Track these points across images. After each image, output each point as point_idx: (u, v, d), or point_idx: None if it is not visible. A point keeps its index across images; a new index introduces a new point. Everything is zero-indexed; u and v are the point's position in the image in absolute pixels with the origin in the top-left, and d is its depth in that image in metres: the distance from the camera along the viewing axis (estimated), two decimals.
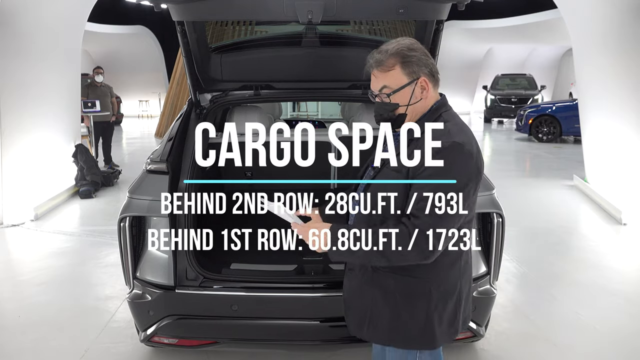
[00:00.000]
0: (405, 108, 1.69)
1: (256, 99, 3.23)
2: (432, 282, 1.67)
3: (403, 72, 1.68)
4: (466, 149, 1.59)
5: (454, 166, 1.56)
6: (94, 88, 8.72)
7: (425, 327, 1.69)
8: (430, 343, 1.71)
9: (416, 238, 1.53)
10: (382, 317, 1.71)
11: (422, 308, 1.68)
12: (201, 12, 2.59)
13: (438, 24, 2.67)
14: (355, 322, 1.79)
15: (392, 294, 1.69)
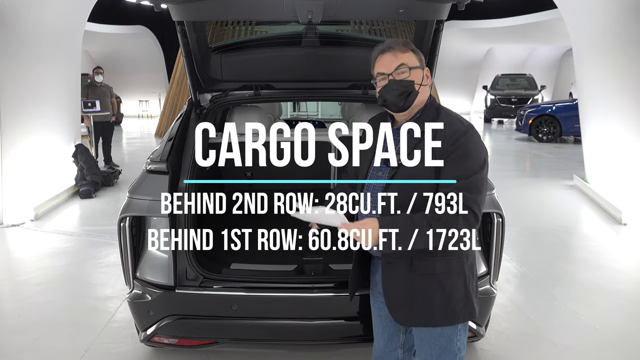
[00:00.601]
0: (418, 87, 1.80)
1: (256, 99, 3.23)
2: (463, 257, 1.80)
3: (415, 57, 1.83)
4: (477, 131, 1.81)
5: (476, 145, 1.76)
6: (94, 88, 8.72)
7: (466, 301, 1.82)
8: (472, 314, 1.85)
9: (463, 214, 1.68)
10: (435, 299, 1.78)
11: (461, 283, 1.81)
12: (201, 12, 2.59)
13: (438, 24, 2.67)
14: (406, 312, 1.83)
15: (436, 275, 1.78)
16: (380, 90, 1.83)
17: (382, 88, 1.82)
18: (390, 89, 1.79)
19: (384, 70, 1.81)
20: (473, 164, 1.73)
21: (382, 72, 1.81)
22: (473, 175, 1.72)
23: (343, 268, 2.65)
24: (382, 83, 1.82)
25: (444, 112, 1.84)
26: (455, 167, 1.72)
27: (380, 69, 1.83)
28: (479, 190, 1.74)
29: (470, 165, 1.73)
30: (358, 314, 2.52)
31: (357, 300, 2.50)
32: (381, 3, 2.55)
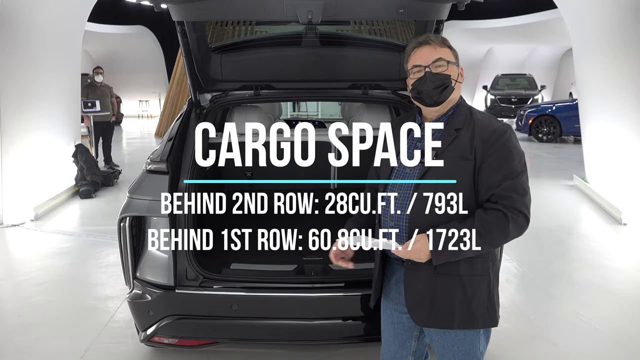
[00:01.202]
0: (454, 82, 1.78)
1: (256, 99, 3.23)
2: (489, 260, 1.77)
3: (452, 53, 1.80)
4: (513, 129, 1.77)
5: (516, 145, 1.73)
6: (94, 88, 8.72)
7: (488, 306, 1.78)
8: (493, 320, 1.80)
9: (514, 217, 1.67)
10: (456, 301, 1.74)
11: (485, 287, 1.77)
12: (201, 12, 2.59)
13: (438, 24, 2.66)
14: (426, 314, 1.79)
15: (460, 278, 1.74)
16: (415, 82, 1.78)
17: (417, 80, 1.77)
18: (426, 81, 1.75)
19: (420, 63, 1.77)
20: (517, 164, 1.70)
21: (419, 65, 1.77)
22: (518, 176, 1.69)
23: (343, 268, 2.65)
24: (417, 75, 1.77)
25: (477, 112, 1.81)
26: (499, 168, 1.68)
27: (416, 61, 1.78)
28: (526, 191, 1.71)
29: (514, 166, 1.69)
30: (358, 314, 2.52)
31: (357, 300, 2.50)
32: (381, 3, 2.55)
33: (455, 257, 1.68)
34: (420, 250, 1.68)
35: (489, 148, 1.69)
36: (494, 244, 1.71)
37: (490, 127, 1.72)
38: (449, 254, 1.67)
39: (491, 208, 1.68)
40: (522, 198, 1.69)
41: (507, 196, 1.67)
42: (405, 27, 3.27)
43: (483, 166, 1.69)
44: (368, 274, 2.58)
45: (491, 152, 1.69)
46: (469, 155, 1.70)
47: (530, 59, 22.95)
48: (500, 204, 1.68)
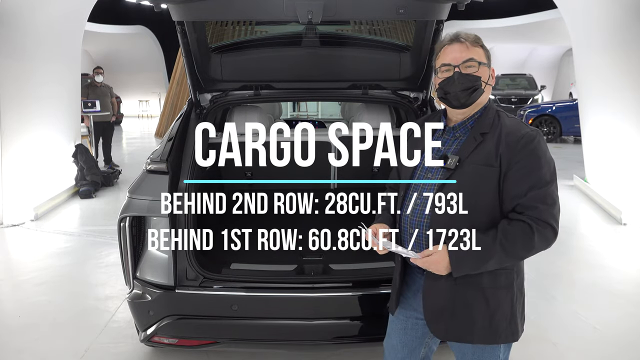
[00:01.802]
0: (484, 85, 1.70)
1: (256, 99, 3.23)
2: (514, 272, 1.70)
3: (484, 54, 1.71)
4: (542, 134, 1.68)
5: (545, 152, 1.63)
6: (94, 88, 8.72)
7: (511, 320, 1.70)
8: (515, 335, 1.73)
9: (540, 229, 1.58)
10: (477, 315, 1.68)
11: (508, 301, 1.69)
12: (201, 12, 2.59)
13: (438, 24, 2.67)
14: (445, 326, 1.72)
15: (483, 290, 1.66)
16: (442, 82, 1.70)
17: (445, 80, 1.69)
18: (455, 82, 1.66)
19: (450, 62, 1.68)
20: (545, 173, 1.60)
21: (448, 64, 1.68)
22: (546, 185, 1.59)
23: (343, 268, 2.66)
24: (446, 75, 1.69)
25: (505, 116, 1.71)
26: (526, 176, 1.58)
27: (446, 59, 1.69)
28: (555, 201, 1.61)
29: (542, 174, 1.59)
30: (358, 314, 2.52)
31: (357, 300, 2.50)
32: (381, 3, 2.55)
33: (476, 270, 1.62)
34: (439, 262, 1.62)
35: (516, 155, 1.59)
36: (517, 257, 1.63)
37: (518, 133, 1.62)
38: (470, 267, 1.61)
39: (516, 219, 1.59)
40: (549, 209, 1.59)
41: (534, 207, 1.58)
42: (405, 27, 3.27)
43: (509, 174, 1.60)
44: (368, 274, 2.59)
45: (518, 159, 1.59)
46: (494, 161, 1.61)
47: (530, 59, 22.95)
48: (525, 215, 1.59)
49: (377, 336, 2.18)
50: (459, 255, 1.60)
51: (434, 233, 1.65)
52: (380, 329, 2.08)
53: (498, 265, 1.62)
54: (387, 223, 1.81)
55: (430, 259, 1.64)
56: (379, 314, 2.06)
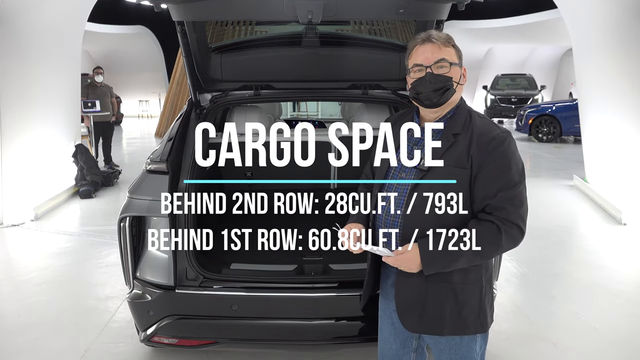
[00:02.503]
0: (455, 85, 1.72)
1: (256, 99, 3.23)
2: (482, 268, 1.75)
3: (456, 54, 1.73)
4: (512, 136, 1.70)
5: (515, 154, 1.67)
6: (94, 88, 8.72)
7: (479, 313, 1.75)
8: (484, 326, 1.78)
9: (507, 229, 1.62)
10: (447, 309, 1.73)
11: (476, 295, 1.74)
12: (201, 12, 2.59)
13: (438, 24, 2.66)
14: (416, 319, 1.78)
15: (452, 285, 1.72)
16: (414, 82, 1.71)
17: (417, 80, 1.71)
18: (427, 82, 1.68)
19: (422, 62, 1.69)
20: (514, 174, 1.64)
21: (420, 64, 1.70)
22: (515, 186, 1.63)
23: (343, 268, 2.66)
24: (418, 75, 1.70)
25: (477, 116, 1.74)
26: (496, 178, 1.63)
27: (418, 59, 1.70)
28: (522, 202, 1.65)
29: (511, 176, 1.63)
30: (358, 314, 2.52)
31: (357, 300, 2.49)
32: (381, 3, 2.55)
33: (446, 268, 1.67)
34: (410, 261, 1.67)
35: (487, 157, 1.63)
36: (486, 256, 1.68)
37: (489, 134, 1.65)
38: (440, 266, 1.66)
39: (485, 219, 1.64)
40: (517, 210, 1.63)
41: (502, 207, 1.62)
42: (405, 27, 3.28)
43: (479, 175, 1.64)
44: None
45: (488, 161, 1.63)
46: (466, 163, 1.65)
47: (530, 59, 22.95)
48: (494, 215, 1.63)
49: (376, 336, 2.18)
50: (430, 254, 1.64)
51: (407, 233, 1.69)
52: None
53: (467, 264, 1.67)
54: (361, 222, 1.85)
55: (402, 257, 1.68)
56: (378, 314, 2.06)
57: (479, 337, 1.80)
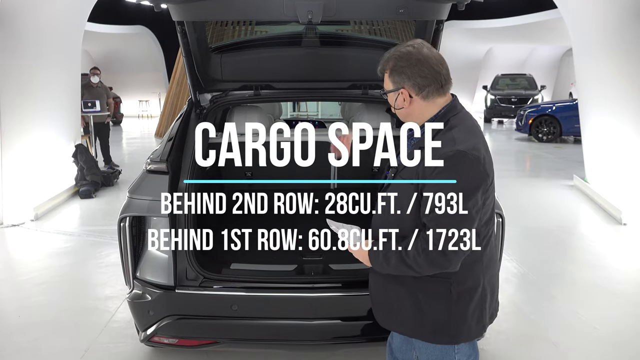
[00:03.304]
0: (394, 109, 1.75)
1: (256, 99, 3.23)
2: (452, 281, 1.69)
3: (390, 79, 1.71)
4: (470, 155, 1.59)
5: (461, 174, 1.57)
6: (90, 89, 8.70)
7: (448, 324, 1.71)
8: (454, 337, 1.73)
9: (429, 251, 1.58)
10: (407, 312, 1.75)
11: (442, 306, 1.70)
12: (201, 12, 2.59)
13: (438, 24, 2.67)
14: (382, 315, 1.85)
15: (414, 291, 1.72)
16: None
17: None
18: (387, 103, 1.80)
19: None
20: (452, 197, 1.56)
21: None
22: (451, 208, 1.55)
23: (343, 268, 2.65)
24: None
25: (448, 129, 1.65)
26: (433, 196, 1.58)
27: None
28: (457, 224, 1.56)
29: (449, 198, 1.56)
30: (358, 314, 2.52)
31: (357, 300, 2.50)
32: (381, 3, 2.55)
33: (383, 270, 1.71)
34: (359, 256, 1.75)
35: (430, 175, 1.59)
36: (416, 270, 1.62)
37: (439, 152, 1.59)
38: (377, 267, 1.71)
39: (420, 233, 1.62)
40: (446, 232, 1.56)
41: (433, 227, 1.58)
42: (405, 27, 3.28)
43: (423, 191, 1.61)
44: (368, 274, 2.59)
45: (430, 179, 1.59)
46: (415, 178, 1.63)
47: (530, 59, 22.97)
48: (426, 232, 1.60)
49: (377, 336, 2.19)
50: (372, 254, 1.71)
51: (375, 232, 1.73)
52: (380, 329, 2.08)
53: (400, 272, 1.67)
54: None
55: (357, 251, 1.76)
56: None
57: (462, 345, 1.77)
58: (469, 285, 1.71)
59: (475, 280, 1.72)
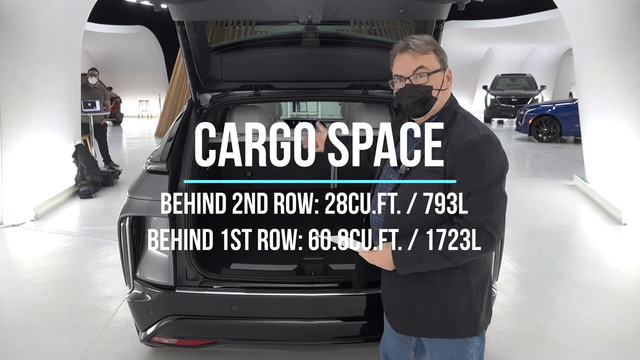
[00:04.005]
0: (437, 92, 1.70)
1: (256, 99, 3.23)
2: (470, 271, 1.70)
3: (437, 58, 1.71)
4: (494, 138, 1.65)
5: (490, 157, 1.62)
6: (87, 89, 8.70)
7: (468, 316, 1.72)
8: (474, 330, 1.75)
9: (478, 234, 1.58)
10: (429, 311, 1.73)
11: (464, 298, 1.71)
12: (201, 12, 2.59)
13: (438, 24, 2.67)
14: (400, 321, 1.80)
15: (435, 287, 1.70)
16: (397, 92, 1.73)
17: (399, 91, 1.72)
18: (406, 95, 1.69)
19: (401, 73, 1.70)
20: (486, 179, 1.60)
21: (399, 75, 1.71)
22: (486, 191, 1.59)
23: (343, 268, 2.66)
24: (398, 86, 1.72)
25: (460, 117, 1.71)
26: (467, 182, 1.60)
27: (397, 70, 1.72)
28: (494, 208, 1.60)
29: (483, 180, 1.59)
30: (358, 314, 2.52)
31: (357, 300, 2.50)
32: (381, 3, 2.55)
33: (416, 269, 1.66)
34: (382, 260, 1.69)
35: (459, 161, 1.60)
36: (453, 260, 1.62)
37: (464, 139, 1.62)
38: (409, 266, 1.66)
39: (456, 222, 1.62)
40: (486, 215, 1.59)
41: (471, 212, 1.59)
42: (405, 27, 3.28)
43: (452, 179, 1.62)
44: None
45: (460, 165, 1.60)
46: (439, 167, 1.63)
47: (530, 59, 22.98)
48: (464, 219, 1.60)
49: (376, 336, 2.18)
50: (399, 254, 1.65)
51: (385, 232, 1.70)
52: (380, 329, 2.08)
53: (437, 267, 1.65)
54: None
55: (373, 255, 1.71)
56: (379, 314, 2.06)
57: (475, 338, 1.78)
58: (482, 275, 1.75)
59: (487, 269, 1.78)
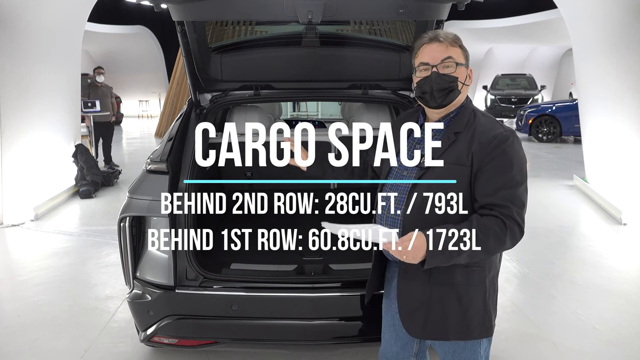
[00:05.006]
0: (461, 85, 1.71)
1: (256, 99, 3.23)
2: (486, 269, 1.71)
3: (463, 54, 1.73)
4: (516, 133, 1.69)
5: (517, 152, 1.65)
6: (95, 88, 8.73)
7: (484, 316, 1.73)
8: (489, 330, 1.75)
9: (511, 226, 1.59)
10: (448, 312, 1.70)
11: (480, 297, 1.71)
12: (201, 12, 2.59)
13: (438, 24, 2.66)
14: (416, 323, 1.76)
15: (455, 287, 1.69)
16: (420, 81, 1.71)
17: (423, 79, 1.70)
18: (432, 82, 1.67)
19: (428, 60, 1.68)
20: (515, 174, 1.61)
21: (426, 62, 1.69)
22: (516, 186, 1.61)
23: (343, 268, 2.66)
24: (424, 74, 1.70)
25: (481, 114, 1.73)
26: (496, 176, 1.60)
27: (424, 58, 1.70)
28: (523, 203, 1.63)
29: (513, 175, 1.61)
30: (358, 314, 2.52)
31: (357, 300, 2.50)
32: (381, 3, 2.55)
33: (449, 261, 1.59)
34: (417, 250, 1.56)
35: (488, 154, 1.61)
36: (489, 250, 1.61)
37: (491, 133, 1.64)
38: (444, 256, 1.57)
39: (487, 214, 1.60)
40: (518, 209, 1.61)
41: (504, 205, 1.59)
42: (405, 27, 3.27)
43: (479, 173, 1.62)
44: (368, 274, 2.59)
45: (489, 158, 1.61)
46: (466, 160, 1.63)
47: (530, 59, 22.96)
48: (497, 211, 1.60)
49: (376, 336, 2.18)
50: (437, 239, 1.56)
51: (407, 233, 1.61)
52: (379, 329, 2.08)
53: (470, 259, 1.61)
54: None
55: (405, 242, 1.57)
56: (379, 314, 2.06)
57: (484, 339, 1.78)
58: (494, 273, 1.77)
59: (497, 267, 1.79)
